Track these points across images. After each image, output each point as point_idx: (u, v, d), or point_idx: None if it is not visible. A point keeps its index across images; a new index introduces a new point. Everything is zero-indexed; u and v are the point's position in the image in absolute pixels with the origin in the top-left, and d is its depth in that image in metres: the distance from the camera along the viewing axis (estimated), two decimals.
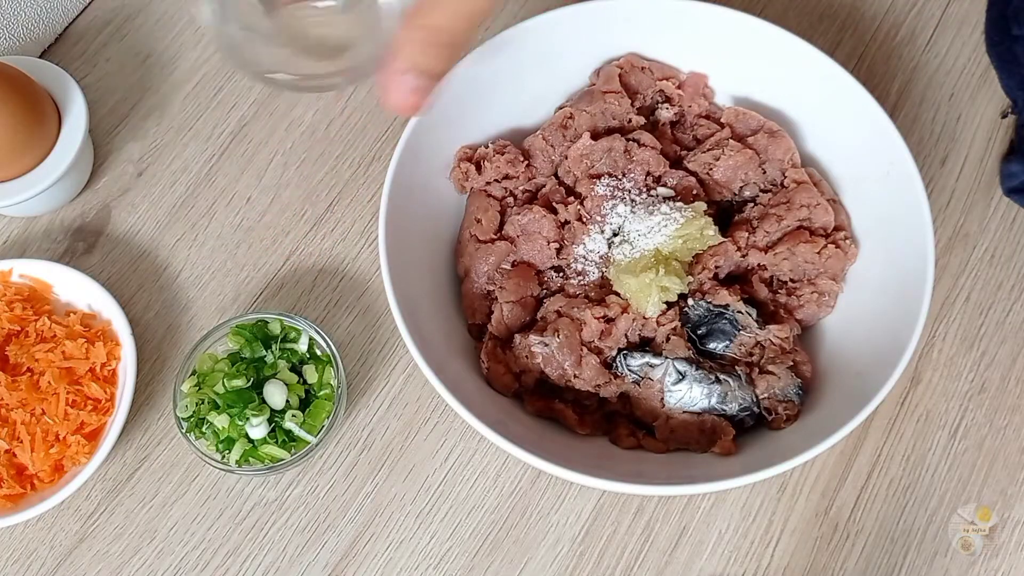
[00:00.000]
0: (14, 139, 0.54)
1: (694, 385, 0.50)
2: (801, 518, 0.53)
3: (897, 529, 0.53)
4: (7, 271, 0.55)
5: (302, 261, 0.59)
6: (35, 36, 0.62)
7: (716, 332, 0.51)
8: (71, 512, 0.53)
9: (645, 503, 0.53)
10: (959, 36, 0.65)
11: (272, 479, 0.54)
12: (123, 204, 0.60)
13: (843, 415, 0.47)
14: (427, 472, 0.54)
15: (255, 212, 0.60)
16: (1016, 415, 0.55)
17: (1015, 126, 0.62)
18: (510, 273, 0.53)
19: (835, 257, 0.52)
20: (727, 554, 0.53)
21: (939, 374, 0.56)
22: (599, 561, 0.53)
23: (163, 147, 0.61)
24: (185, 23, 0.64)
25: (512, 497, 0.54)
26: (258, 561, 0.53)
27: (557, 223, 0.53)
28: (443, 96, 0.53)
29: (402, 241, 0.51)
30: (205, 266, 0.59)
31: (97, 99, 0.62)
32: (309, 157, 0.61)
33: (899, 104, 0.63)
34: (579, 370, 0.50)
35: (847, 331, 0.52)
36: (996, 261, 0.59)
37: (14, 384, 0.52)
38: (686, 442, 0.50)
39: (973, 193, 0.60)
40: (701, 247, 0.52)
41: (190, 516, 0.53)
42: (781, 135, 0.55)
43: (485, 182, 0.55)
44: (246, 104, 0.62)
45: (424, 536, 0.53)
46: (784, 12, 0.65)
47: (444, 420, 0.55)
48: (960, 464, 0.54)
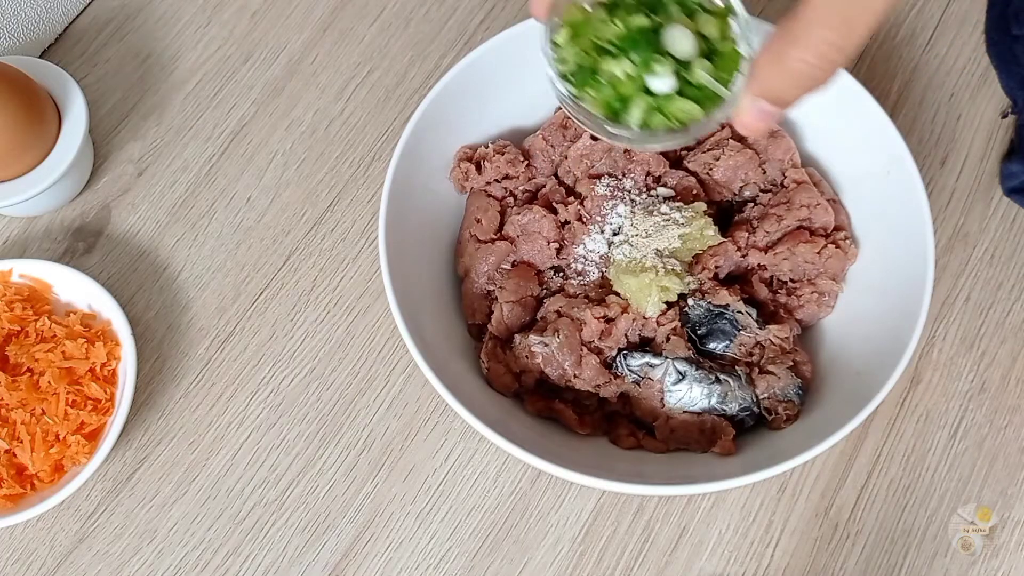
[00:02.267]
0: (14, 139, 0.54)
1: (694, 385, 0.50)
2: (801, 518, 0.53)
3: (897, 529, 0.53)
4: (7, 271, 0.55)
5: (302, 261, 0.59)
6: (35, 36, 0.62)
7: (716, 332, 0.51)
8: (71, 512, 0.53)
9: (645, 503, 0.53)
10: (959, 36, 0.65)
11: (272, 479, 0.54)
12: (123, 204, 0.60)
13: (843, 415, 0.47)
14: (427, 472, 0.54)
15: (255, 212, 0.60)
16: (1016, 415, 0.55)
17: (1015, 126, 0.62)
18: (510, 273, 0.53)
19: (835, 257, 0.52)
20: (727, 554, 0.53)
21: (939, 374, 0.56)
22: (599, 561, 0.53)
23: (163, 147, 0.61)
24: (185, 23, 0.64)
25: (512, 497, 0.54)
26: (258, 561, 0.53)
27: (557, 223, 0.54)
28: (443, 96, 0.53)
29: (402, 241, 0.51)
30: (205, 266, 0.59)
31: (97, 99, 0.62)
32: (309, 157, 0.61)
33: (899, 104, 0.63)
34: (579, 370, 0.50)
35: (847, 331, 0.52)
36: (996, 261, 0.59)
37: (14, 384, 0.52)
38: (686, 442, 0.50)
39: (973, 193, 0.60)
40: (701, 247, 0.52)
41: (190, 516, 0.53)
42: (781, 135, 0.55)
43: (485, 182, 0.55)
44: (246, 104, 0.62)
45: (424, 536, 0.53)
46: (784, 12, 0.65)
47: (444, 420, 0.55)
48: (960, 464, 0.54)
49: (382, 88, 0.63)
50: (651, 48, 0.40)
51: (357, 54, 0.64)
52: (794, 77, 0.37)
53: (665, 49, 0.40)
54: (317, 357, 0.56)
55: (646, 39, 0.40)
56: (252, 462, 0.54)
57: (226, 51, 0.64)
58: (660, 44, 0.40)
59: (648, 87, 0.40)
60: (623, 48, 0.40)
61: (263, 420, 0.55)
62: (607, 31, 0.40)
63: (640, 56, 0.39)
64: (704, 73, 0.40)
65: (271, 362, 0.56)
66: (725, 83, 0.40)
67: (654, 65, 0.39)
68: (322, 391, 0.56)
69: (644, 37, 0.40)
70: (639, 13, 0.40)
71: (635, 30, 0.40)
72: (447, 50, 0.64)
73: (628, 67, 0.40)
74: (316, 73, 0.63)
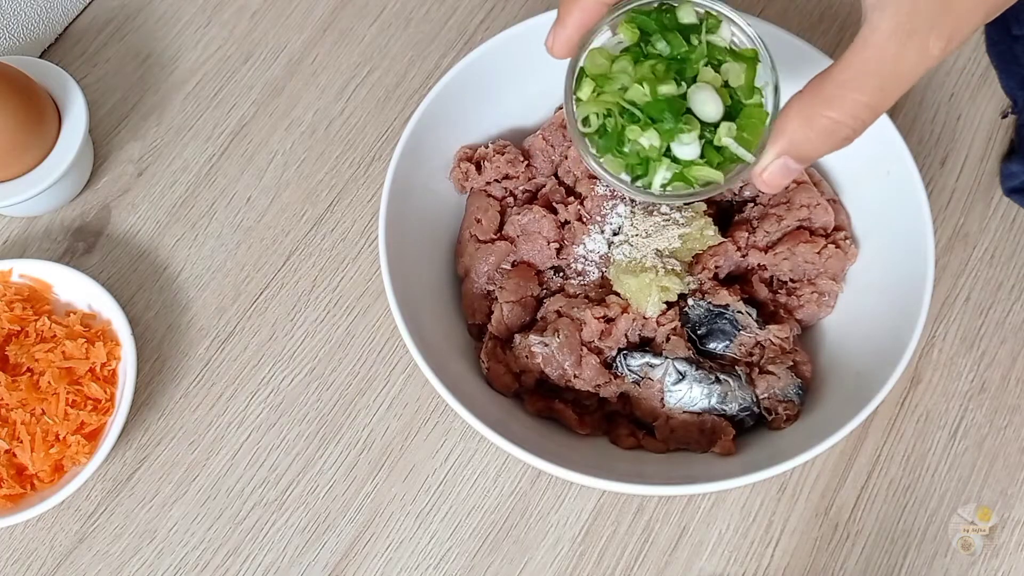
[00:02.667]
0: (14, 139, 0.54)
1: (694, 385, 0.50)
2: (801, 518, 0.53)
3: (897, 529, 0.53)
4: (7, 271, 0.55)
5: (302, 261, 0.59)
6: (35, 36, 0.62)
7: (716, 332, 0.51)
8: (71, 512, 0.53)
9: (645, 503, 0.53)
10: None
11: (272, 479, 0.54)
12: (123, 204, 0.60)
13: (843, 415, 0.47)
14: (427, 472, 0.54)
15: (255, 212, 0.60)
16: (1016, 415, 0.55)
17: (1015, 126, 0.62)
18: (510, 273, 0.53)
19: (835, 257, 0.52)
20: (727, 554, 0.53)
21: (939, 374, 0.56)
22: (599, 561, 0.53)
23: (163, 147, 0.61)
24: (185, 23, 0.64)
25: (512, 497, 0.54)
26: (258, 561, 0.53)
27: (557, 223, 0.54)
28: (443, 96, 0.53)
29: (402, 241, 0.51)
30: (205, 266, 0.59)
31: (97, 99, 0.62)
32: (309, 157, 0.61)
33: (899, 104, 0.63)
34: (579, 370, 0.50)
35: (847, 331, 0.52)
36: (996, 261, 0.59)
37: (14, 384, 0.52)
38: (686, 442, 0.50)
39: (973, 193, 0.60)
40: (701, 247, 0.52)
41: (190, 516, 0.53)
42: None
43: (485, 182, 0.55)
44: (246, 104, 0.62)
45: (424, 536, 0.53)
46: (784, 12, 0.65)
47: (444, 420, 0.55)
48: (960, 464, 0.54)
49: (382, 88, 0.63)
50: (678, 118, 0.39)
51: (357, 54, 0.64)
52: (824, 136, 0.36)
53: (690, 111, 0.40)
54: (317, 357, 0.56)
55: (674, 108, 0.39)
56: (252, 462, 0.54)
57: (226, 51, 0.64)
58: (686, 107, 0.40)
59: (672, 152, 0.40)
60: (650, 116, 0.39)
61: (263, 420, 0.55)
62: (634, 93, 0.39)
63: (667, 127, 0.39)
64: (730, 139, 0.40)
65: (271, 362, 0.56)
66: (750, 144, 0.40)
67: (680, 135, 0.39)
68: (322, 391, 0.56)
69: (672, 106, 0.39)
70: (665, 69, 0.39)
71: (663, 99, 0.39)
72: (447, 50, 0.64)
73: (655, 138, 0.39)
74: (316, 73, 0.63)
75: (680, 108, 0.39)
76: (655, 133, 0.39)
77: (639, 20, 0.40)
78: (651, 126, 0.39)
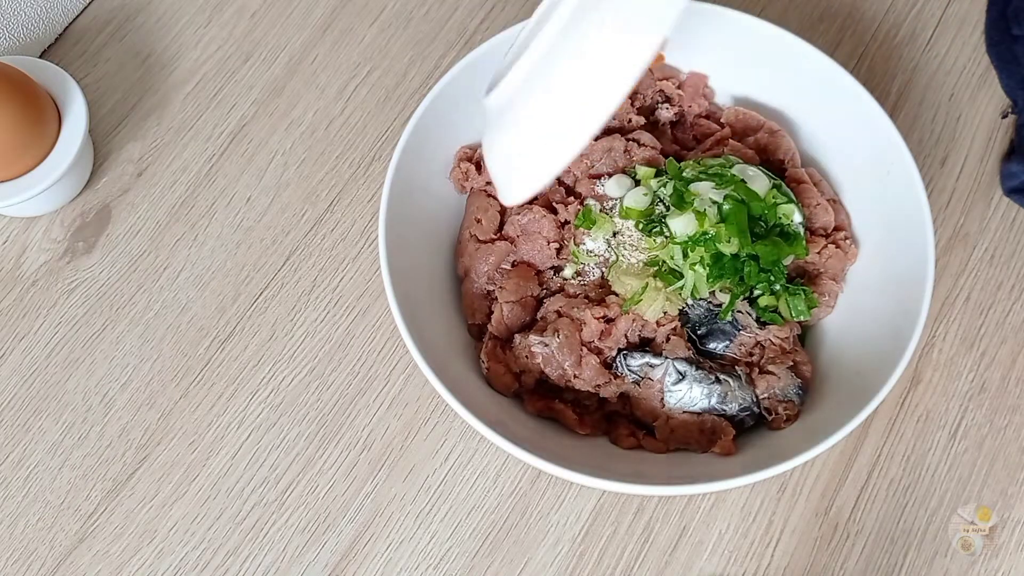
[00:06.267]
0: (14, 139, 0.54)
1: (694, 385, 0.50)
2: (801, 518, 0.53)
3: (897, 529, 0.53)
4: None
5: (302, 261, 0.59)
6: (35, 36, 0.62)
7: (716, 332, 0.51)
8: (71, 512, 0.53)
9: (645, 503, 0.53)
10: (959, 36, 0.65)
11: (272, 479, 0.54)
12: (123, 204, 0.60)
13: (843, 415, 0.47)
14: (427, 472, 0.54)
15: (255, 212, 0.60)
16: (1016, 415, 0.55)
17: (1015, 126, 0.62)
18: (510, 273, 0.53)
19: (835, 257, 0.52)
20: (727, 554, 0.53)
21: (939, 374, 0.56)
22: (599, 561, 0.53)
23: (163, 147, 0.61)
24: (185, 23, 0.64)
25: (512, 497, 0.54)
26: (258, 561, 0.53)
27: (557, 223, 0.54)
28: (443, 96, 0.53)
29: (402, 241, 0.51)
30: (205, 266, 0.59)
31: (97, 99, 0.62)
32: (309, 157, 0.61)
33: (899, 104, 0.63)
34: (579, 370, 0.50)
35: (847, 331, 0.52)
36: (996, 261, 0.59)
37: None
38: (686, 442, 0.50)
39: (973, 193, 0.60)
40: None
41: (190, 516, 0.53)
42: (781, 135, 0.55)
43: (485, 182, 0.55)
44: (246, 104, 0.62)
45: (424, 536, 0.53)
46: (784, 12, 0.65)
47: (444, 420, 0.55)
48: (960, 464, 0.54)
49: (382, 88, 0.63)
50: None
51: (357, 54, 0.64)
52: None
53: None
54: (317, 357, 0.56)
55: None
56: (252, 462, 0.54)
57: (226, 51, 0.64)
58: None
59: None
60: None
61: (263, 420, 0.55)
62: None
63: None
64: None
65: (271, 362, 0.56)
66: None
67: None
68: (322, 391, 0.56)
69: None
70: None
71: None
72: (447, 50, 0.64)
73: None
74: (316, 73, 0.63)
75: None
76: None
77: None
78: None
